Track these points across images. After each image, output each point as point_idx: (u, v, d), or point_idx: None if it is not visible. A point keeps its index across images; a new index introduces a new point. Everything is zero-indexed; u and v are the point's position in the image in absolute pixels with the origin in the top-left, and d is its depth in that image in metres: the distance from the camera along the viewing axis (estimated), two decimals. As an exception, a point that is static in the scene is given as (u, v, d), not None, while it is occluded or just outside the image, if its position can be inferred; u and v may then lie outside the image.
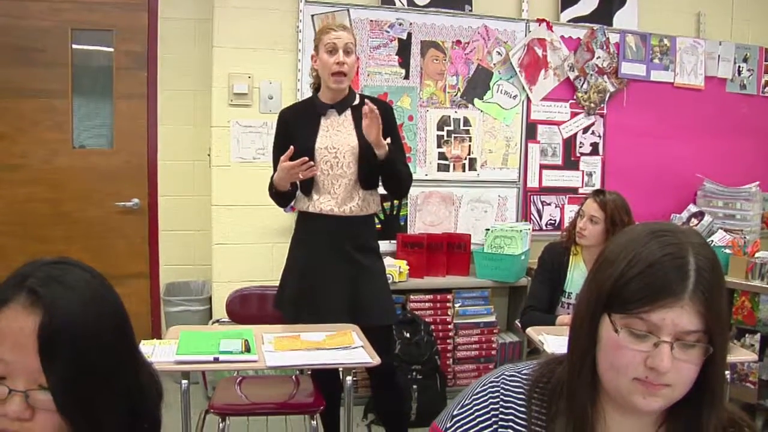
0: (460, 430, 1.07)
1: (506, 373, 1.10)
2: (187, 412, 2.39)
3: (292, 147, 2.65)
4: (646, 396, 0.95)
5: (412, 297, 3.96)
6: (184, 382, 2.35)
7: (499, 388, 1.08)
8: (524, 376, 1.09)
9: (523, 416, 1.05)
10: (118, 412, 0.94)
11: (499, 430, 1.05)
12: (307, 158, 2.65)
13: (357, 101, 2.86)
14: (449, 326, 4.00)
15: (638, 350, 0.94)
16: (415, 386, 3.65)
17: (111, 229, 4.25)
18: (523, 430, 1.05)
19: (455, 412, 1.09)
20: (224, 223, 3.97)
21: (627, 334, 0.95)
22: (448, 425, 1.08)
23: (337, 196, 2.81)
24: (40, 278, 0.92)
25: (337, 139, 2.80)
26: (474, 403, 1.08)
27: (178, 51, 4.23)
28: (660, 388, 0.95)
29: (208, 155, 4.06)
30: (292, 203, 2.95)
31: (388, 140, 2.72)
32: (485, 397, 1.08)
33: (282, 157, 2.66)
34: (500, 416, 1.06)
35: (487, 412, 1.06)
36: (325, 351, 2.41)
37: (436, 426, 1.11)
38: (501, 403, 1.07)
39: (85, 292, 0.94)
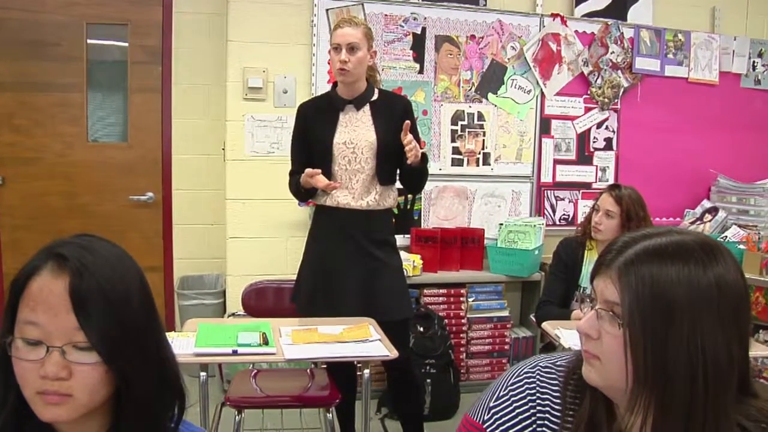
0: (500, 421, 1.08)
1: (541, 363, 1.11)
2: (205, 404, 2.40)
3: (320, 170, 2.74)
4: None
5: (425, 291, 3.97)
6: (203, 374, 2.36)
7: (535, 379, 1.09)
8: (559, 368, 1.10)
9: (559, 406, 1.07)
10: (152, 368, 1.00)
11: (537, 420, 1.07)
12: (335, 184, 2.76)
13: (376, 96, 2.87)
14: (462, 320, 4.02)
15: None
16: (428, 380, 3.66)
17: (125, 223, 4.28)
18: (558, 420, 1.06)
19: (492, 404, 1.10)
20: (238, 217, 3.99)
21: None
22: (486, 417, 1.09)
23: (355, 190, 2.82)
24: (65, 246, 0.97)
25: (355, 134, 2.81)
26: (511, 393, 1.09)
27: (192, 45, 4.24)
28: (589, 357, 1.01)
29: (223, 149, 4.07)
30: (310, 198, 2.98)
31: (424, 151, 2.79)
32: (522, 388, 1.09)
33: (309, 171, 2.72)
34: (538, 406, 1.07)
35: (525, 403, 1.08)
36: (344, 344, 2.42)
37: (471, 419, 1.12)
38: (538, 393, 1.08)
39: (109, 256, 0.99)
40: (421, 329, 3.73)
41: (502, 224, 4.07)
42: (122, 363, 0.95)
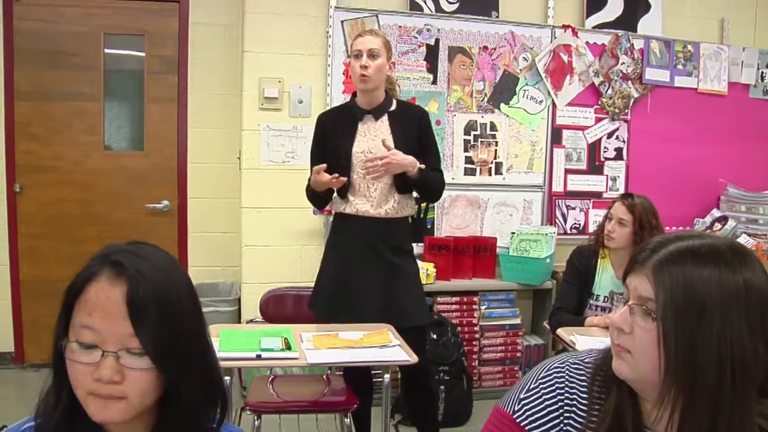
0: (529, 412, 1.13)
1: (570, 360, 1.17)
2: (229, 409, 2.43)
3: (324, 165, 2.76)
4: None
5: (438, 299, 4.00)
6: (227, 378, 2.40)
7: (564, 374, 1.14)
8: (586, 364, 1.16)
9: (585, 401, 1.12)
10: (200, 371, 1.04)
11: (565, 413, 1.12)
12: (337, 175, 2.76)
13: (394, 107, 2.92)
14: (475, 328, 4.05)
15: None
16: (442, 387, 3.69)
17: (141, 231, 4.31)
18: (585, 414, 1.11)
19: (522, 396, 1.15)
20: (254, 226, 4.03)
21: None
22: (516, 408, 1.14)
23: (373, 198, 2.86)
24: (121, 254, 1.01)
25: (374, 143, 2.85)
26: (541, 386, 1.14)
27: (208, 55, 4.30)
28: (620, 350, 1.05)
29: (238, 158, 4.12)
30: (327, 206, 3.02)
31: (422, 166, 2.83)
32: (551, 382, 1.14)
33: (315, 168, 2.77)
34: (566, 400, 1.12)
35: (554, 396, 1.13)
36: (364, 349, 2.46)
37: (502, 410, 1.16)
38: (566, 387, 1.13)
39: (162, 263, 1.03)
40: (435, 336, 3.77)
41: (514, 233, 4.11)
42: (173, 368, 0.99)
